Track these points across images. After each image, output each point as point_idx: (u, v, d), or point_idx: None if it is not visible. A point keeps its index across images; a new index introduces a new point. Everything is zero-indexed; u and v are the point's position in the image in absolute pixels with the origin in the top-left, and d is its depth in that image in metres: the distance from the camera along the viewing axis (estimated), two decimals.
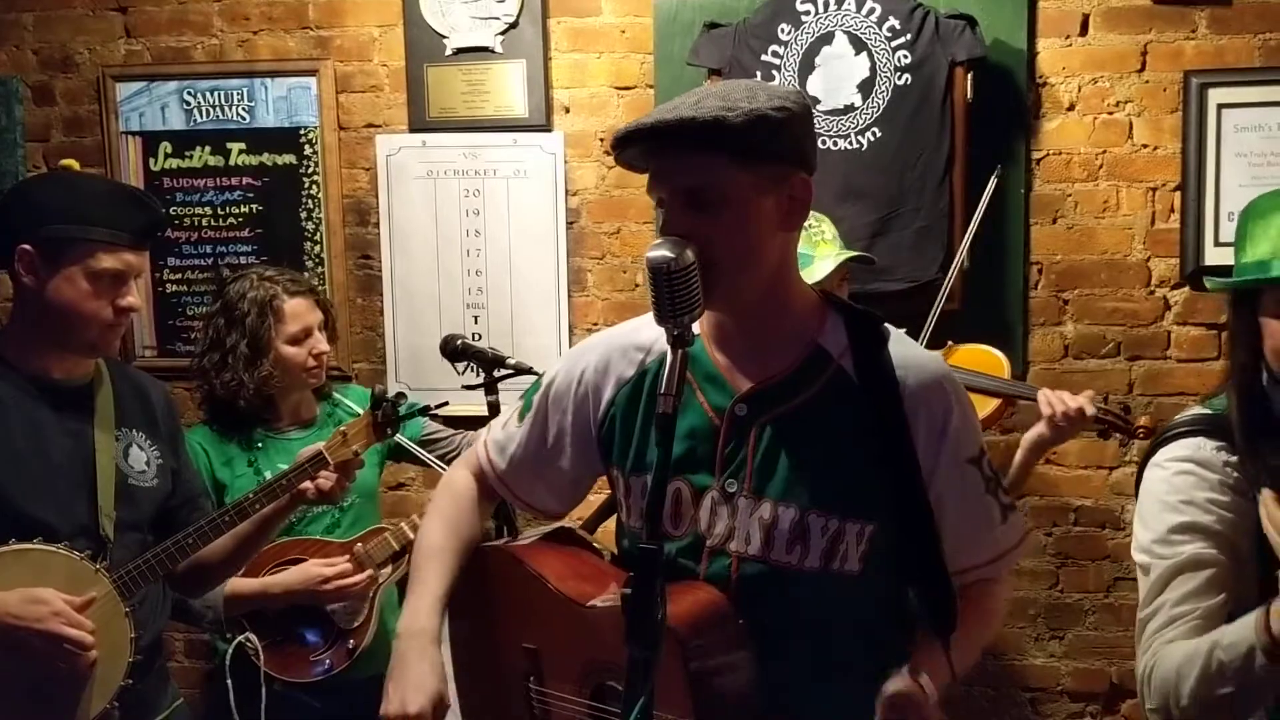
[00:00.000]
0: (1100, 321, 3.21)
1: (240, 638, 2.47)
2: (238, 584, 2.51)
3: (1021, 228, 3.18)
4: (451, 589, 1.71)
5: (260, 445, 2.67)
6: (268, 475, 2.59)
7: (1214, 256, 3.12)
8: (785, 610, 1.57)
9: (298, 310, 2.61)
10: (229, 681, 2.44)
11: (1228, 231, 3.11)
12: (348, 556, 2.60)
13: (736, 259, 1.51)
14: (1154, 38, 3.12)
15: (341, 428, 2.23)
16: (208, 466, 2.60)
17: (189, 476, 2.33)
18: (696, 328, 1.57)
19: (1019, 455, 2.63)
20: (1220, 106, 3.09)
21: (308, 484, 2.19)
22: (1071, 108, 3.16)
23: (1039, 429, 2.56)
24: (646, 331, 1.66)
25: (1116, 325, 3.20)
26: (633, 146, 1.53)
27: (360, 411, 2.69)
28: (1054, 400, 2.54)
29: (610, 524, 1.92)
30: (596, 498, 2.55)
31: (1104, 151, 3.16)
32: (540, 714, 1.73)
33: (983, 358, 2.78)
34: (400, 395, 2.36)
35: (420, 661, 1.61)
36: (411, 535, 2.61)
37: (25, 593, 1.92)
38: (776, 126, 1.46)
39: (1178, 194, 3.14)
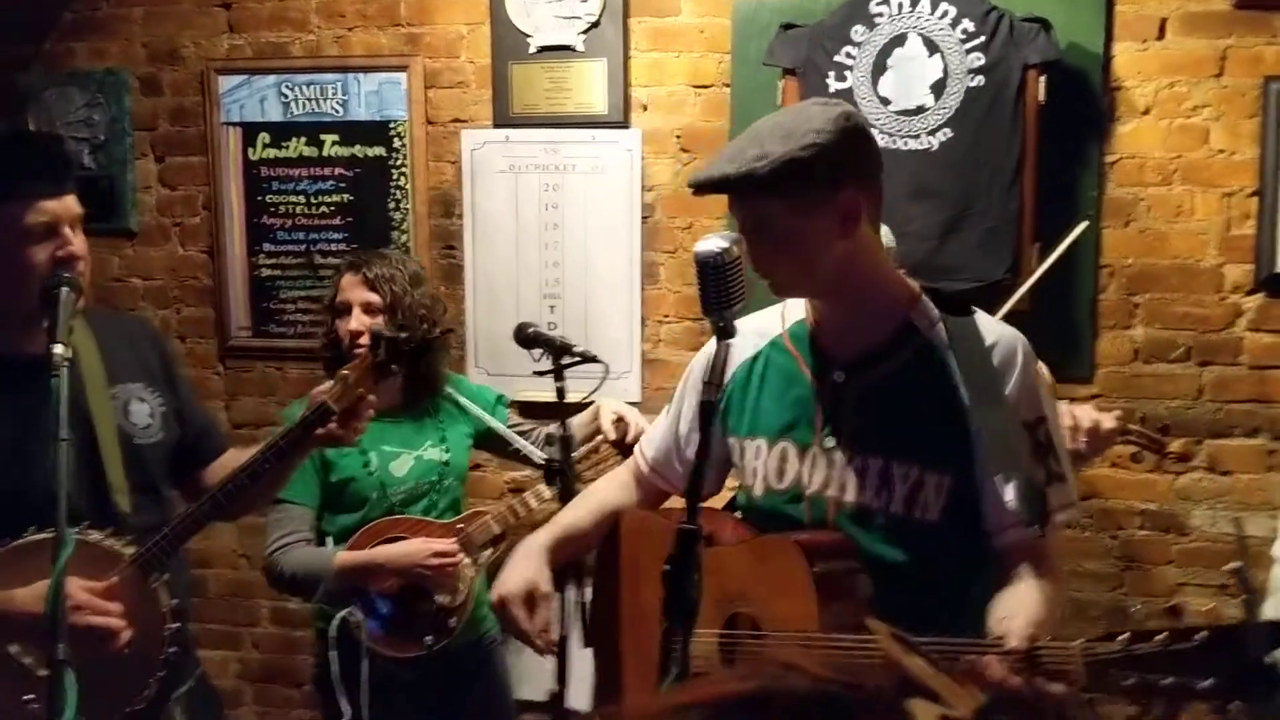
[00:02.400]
0: (1171, 326, 3.21)
1: (344, 612, 2.59)
2: (345, 556, 2.61)
3: (1094, 231, 3.19)
4: (574, 529, 2.03)
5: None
6: (372, 457, 2.72)
7: None
8: (874, 551, 1.76)
9: (344, 284, 2.70)
10: (333, 654, 2.56)
11: None
12: (454, 538, 2.69)
13: (794, 273, 1.77)
14: (1233, 43, 3.10)
15: (343, 371, 2.14)
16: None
17: (193, 411, 2.31)
18: (801, 310, 1.88)
19: None
20: None
21: (320, 431, 2.11)
22: (1147, 111, 3.17)
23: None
24: (766, 320, 1.92)
25: (1187, 330, 3.20)
26: (704, 192, 1.77)
27: (467, 405, 2.83)
28: (1074, 418, 2.52)
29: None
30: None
31: (1179, 156, 3.16)
32: (677, 652, 1.87)
33: None
34: (401, 334, 2.25)
35: (519, 560, 1.95)
36: (512, 519, 2.73)
37: (43, 588, 1.78)
38: (807, 163, 1.65)
39: (1254, 200, 3.13)
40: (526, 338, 2.80)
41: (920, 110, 3.12)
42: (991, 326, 1.79)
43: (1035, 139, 3.09)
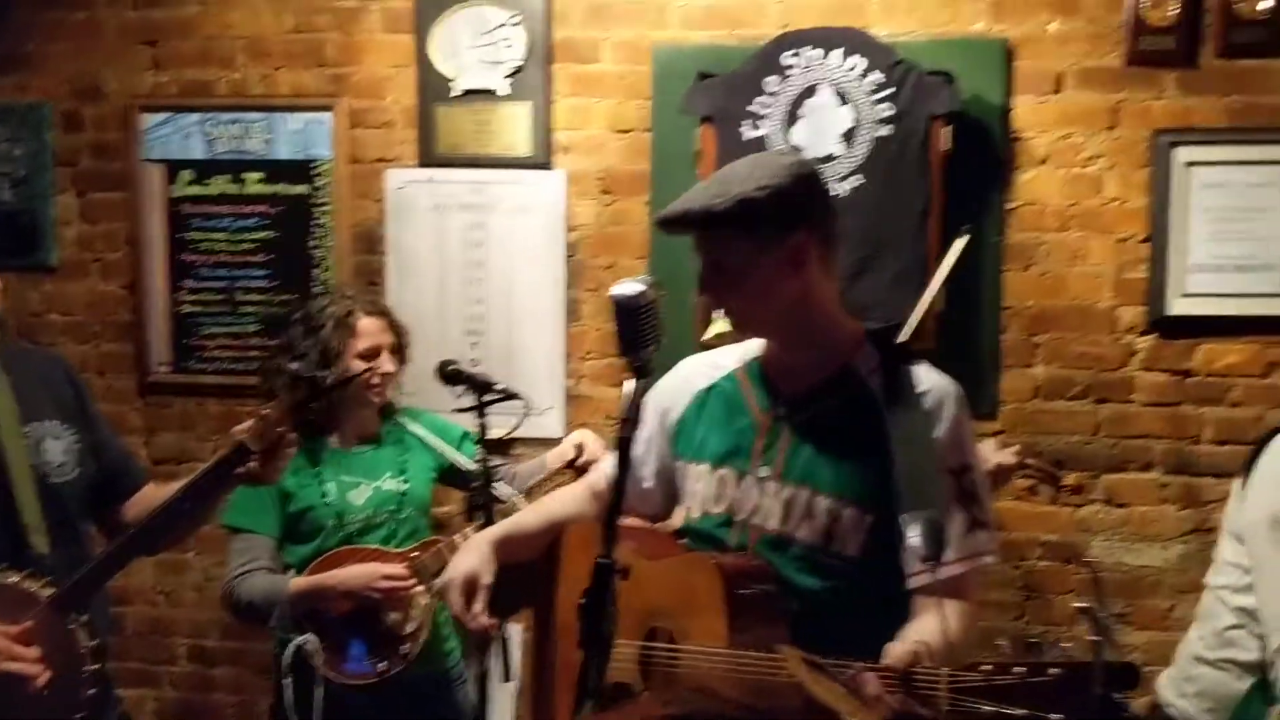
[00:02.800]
0: (1069, 365, 3.36)
1: (299, 639, 2.61)
2: (299, 581, 2.66)
3: (995, 274, 3.34)
4: (522, 530, 2.15)
5: (324, 458, 2.80)
6: (331, 487, 2.76)
7: (1180, 306, 3.28)
8: (789, 578, 1.87)
9: (370, 329, 2.78)
10: (286, 680, 2.58)
11: (1194, 283, 3.27)
12: (405, 564, 2.73)
13: (749, 304, 1.88)
14: (1125, 97, 3.28)
15: (262, 410, 2.18)
16: None
17: (109, 446, 2.33)
18: (759, 348, 2.00)
19: None
20: (1188, 164, 3.25)
21: (240, 470, 2.16)
22: (1045, 161, 3.33)
23: None
24: (726, 355, 2.06)
25: (1084, 369, 3.35)
26: (669, 229, 1.90)
27: (422, 436, 2.89)
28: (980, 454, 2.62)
29: None
30: None
31: (1075, 204, 3.32)
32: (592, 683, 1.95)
33: None
34: (318, 374, 2.33)
35: (464, 552, 2.09)
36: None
37: None
38: (761, 203, 1.79)
39: (1146, 245, 3.30)
40: (449, 375, 2.87)
41: (831, 158, 3.24)
42: (927, 375, 1.90)
43: (941, 185, 3.22)
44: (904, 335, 2.94)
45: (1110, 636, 1.49)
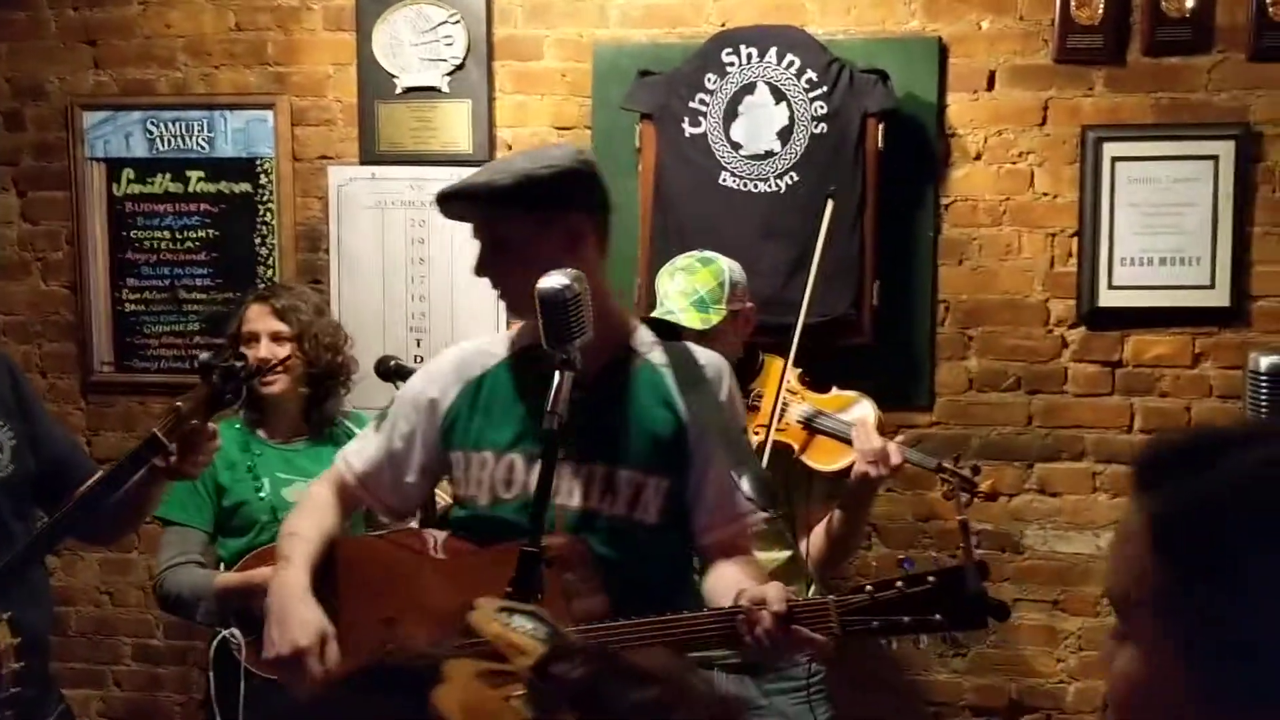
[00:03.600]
0: (1002, 357, 3.43)
1: (225, 632, 2.62)
2: (225, 577, 2.67)
3: (930, 268, 3.40)
4: (314, 562, 2.00)
5: (259, 453, 2.83)
6: (265, 482, 2.77)
7: (1108, 299, 3.35)
8: (597, 552, 1.93)
9: (251, 314, 2.82)
10: (210, 674, 2.60)
11: (1121, 276, 3.35)
12: None
13: (527, 284, 1.84)
14: (1054, 94, 3.35)
15: (176, 402, 2.17)
16: (213, 466, 2.62)
17: (52, 439, 2.33)
18: (529, 335, 2.00)
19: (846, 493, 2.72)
20: (1115, 159, 3.32)
21: (158, 462, 2.16)
22: (978, 157, 3.39)
23: (856, 466, 2.65)
24: (492, 343, 2.11)
25: (1017, 361, 3.42)
26: (448, 205, 1.96)
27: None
28: (864, 437, 2.66)
29: None
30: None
31: (1007, 199, 3.39)
32: None
33: (847, 403, 2.86)
34: (233, 363, 2.27)
35: (299, 605, 1.92)
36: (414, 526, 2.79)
37: None
38: (543, 182, 1.88)
39: (1075, 240, 3.37)
40: (388, 370, 2.90)
41: (769, 155, 3.29)
42: (699, 351, 2.07)
43: (875, 182, 3.28)
44: (803, 316, 2.95)
45: (971, 541, 1.71)
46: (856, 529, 2.81)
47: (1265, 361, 1.76)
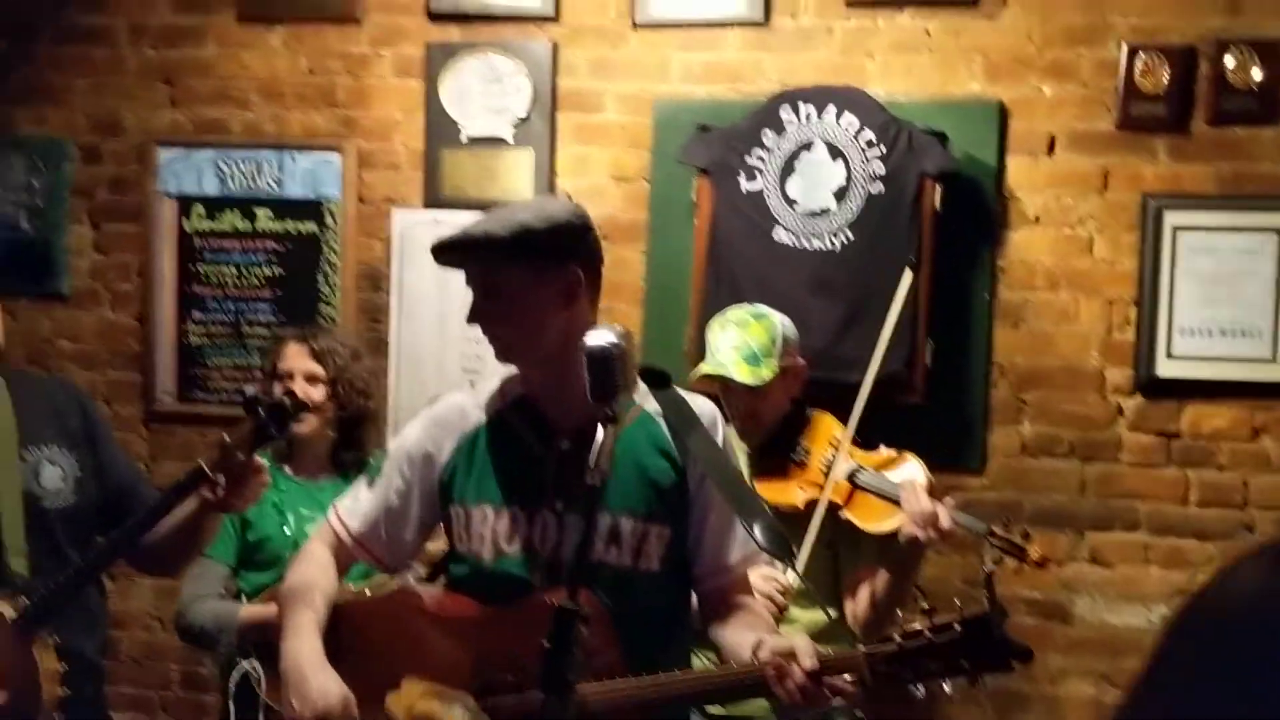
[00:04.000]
0: (1056, 423, 3.39)
1: (245, 664, 2.66)
2: (249, 611, 2.71)
3: (985, 330, 3.39)
4: (323, 627, 1.98)
5: (284, 489, 2.87)
6: (289, 518, 2.82)
7: (1166, 369, 3.31)
8: (602, 604, 1.89)
9: (288, 352, 2.88)
10: (230, 705, 2.63)
11: (1180, 346, 3.31)
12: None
13: (520, 333, 1.94)
14: (1116, 161, 3.34)
15: (223, 435, 2.19)
16: None
17: (118, 471, 2.36)
18: (519, 386, 2.04)
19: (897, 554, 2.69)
20: (1176, 229, 3.30)
21: (206, 494, 2.19)
22: (1037, 221, 3.38)
23: (903, 528, 2.63)
24: (484, 395, 2.08)
25: (1072, 428, 3.38)
26: (444, 255, 1.97)
27: None
28: (913, 499, 2.63)
29: None
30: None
31: (1065, 264, 3.37)
32: None
33: (897, 464, 2.85)
34: (282, 402, 2.28)
35: (317, 673, 1.90)
36: (415, 585, 2.81)
37: None
38: (541, 234, 1.90)
39: (1134, 308, 3.34)
40: None
41: (824, 212, 3.30)
42: (692, 397, 2.04)
43: (931, 243, 3.28)
44: (869, 376, 2.96)
45: (995, 589, 1.74)
46: (903, 592, 2.77)
47: None
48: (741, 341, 2.80)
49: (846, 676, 1.79)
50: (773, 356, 2.80)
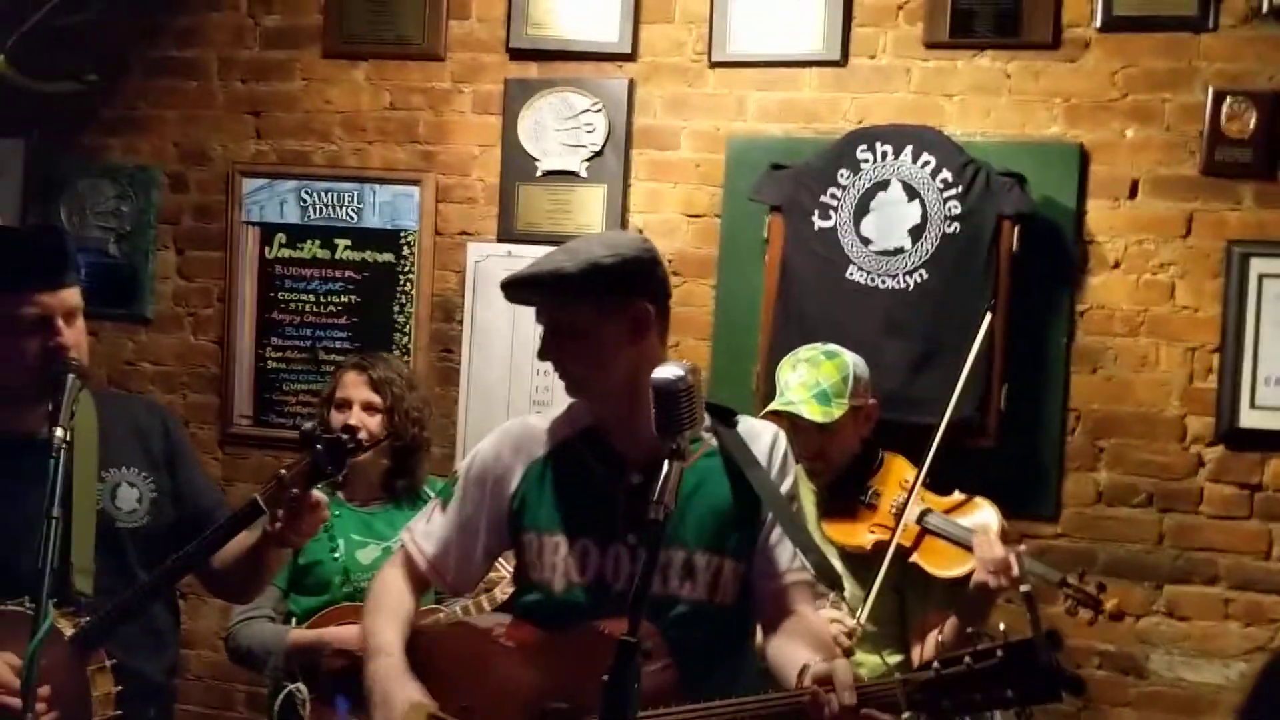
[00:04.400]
0: (1133, 472, 3.31)
1: (291, 687, 2.69)
2: (297, 634, 2.75)
3: (1062, 375, 3.33)
4: (400, 647, 1.99)
5: (336, 514, 2.88)
6: (340, 544, 2.85)
7: (1250, 419, 3.23)
8: (677, 635, 1.89)
9: (347, 381, 2.92)
10: None
11: (1264, 396, 3.22)
12: None
13: (590, 368, 1.95)
14: (1199, 206, 3.27)
15: (280, 470, 2.17)
16: None
17: (197, 494, 2.38)
18: (588, 415, 2.04)
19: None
20: (1262, 276, 3.22)
21: (265, 527, 2.18)
22: (1116, 265, 3.33)
23: (975, 575, 2.60)
24: (554, 424, 2.08)
25: (1150, 477, 3.30)
26: (514, 292, 1.98)
27: None
28: (985, 545, 2.60)
29: None
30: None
31: (1145, 310, 3.31)
32: None
33: (969, 508, 2.83)
34: (343, 434, 2.24)
35: (402, 688, 1.91)
36: (463, 617, 2.82)
37: None
38: (609, 270, 1.89)
39: (1216, 355, 3.26)
40: None
41: (899, 251, 3.28)
42: (757, 425, 2.07)
43: (1008, 285, 3.24)
44: (944, 419, 2.92)
45: (1038, 612, 1.60)
46: (972, 639, 2.71)
47: None
48: (812, 379, 2.79)
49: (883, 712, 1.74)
50: (843, 396, 2.78)
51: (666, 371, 1.79)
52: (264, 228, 3.90)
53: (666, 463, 1.79)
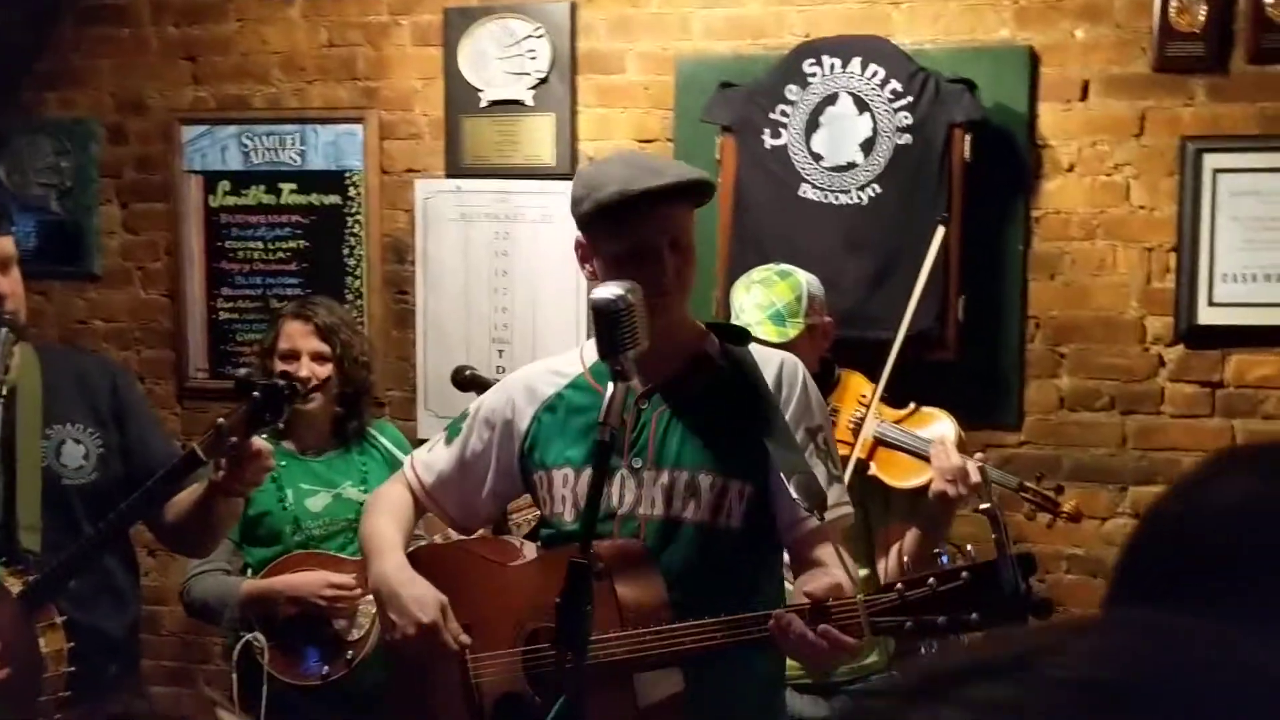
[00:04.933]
0: (1095, 376, 3.31)
1: (249, 636, 2.68)
2: (249, 584, 2.75)
3: (1019, 283, 3.31)
4: (402, 547, 2.01)
5: (283, 464, 2.84)
6: (289, 493, 2.83)
7: (1208, 316, 3.22)
8: (682, 557, 1.90)
9: (292, 331, 2.84)
10: (234, 675, 2.65)
11: (1222, 292, 3.21)
12: (355, 574, 2.79)
13: (688, 282, 1.95)
14: (1152, 104, 3.23)
15: (218, 420, 2.15)
16: None
17: (148, 449, 2.34)
18: (594, 350, 1.95)
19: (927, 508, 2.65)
20: (1216, 171, 3.19)
21: (211, 477, 2.16)
22: (1071, 169, 3.29)
23: (934, 485, 2.59)
24: (564, 362, 2.08)
25: (1110, 380, 3.30)
26: (637, 204, 1.84)
27: (392, 449, 2.94)
28: (942, 455, 2.59)
29: None
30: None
31: (1102, 212, 3.28)
32: (477, 680, 1.97)
33: (933, 423, 2.80)
34: (279, 381, 2.24)
35: (408, 586, 1.92)
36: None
37: None
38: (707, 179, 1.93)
39: (1173, 255, 3.24)
40: (464, 380, 2.93)
41: (851, 166, 3.23)
42: (770, 353, 2.05)
43: (961, 195, 3.20)
44: (900, 333, 2.89)
45: (1007, 532, 1.57)
46: (933, 550, 2.72)
47: None
48: (766, 300, 2.76)
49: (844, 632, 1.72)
50: (798, 315, 2.75)
51: (605, 291, 1.75)
52: (207, 176, 3.81)
53: (610, 384, 1.77)
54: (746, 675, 1.96)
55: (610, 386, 1.76)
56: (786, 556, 2.06)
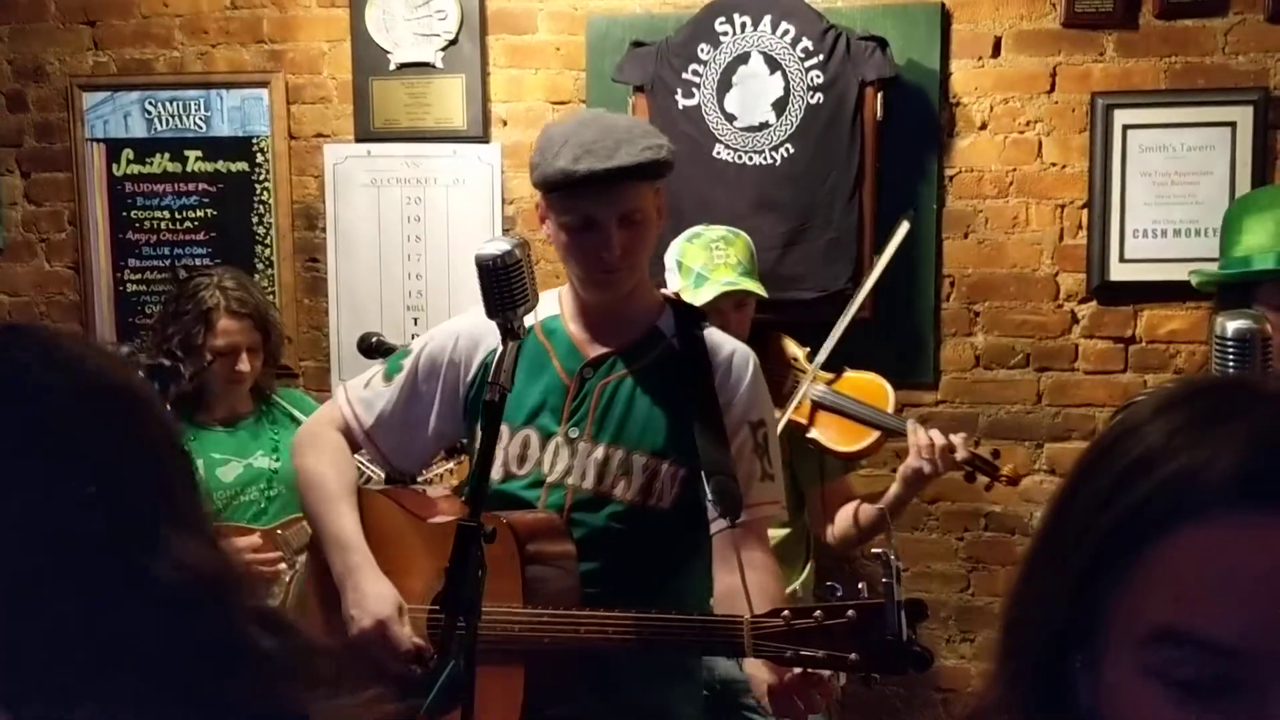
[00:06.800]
0: (1010, 333, 3.32)
1: None
2: None
3: (933, 242, 3.30)
4: (357, 519, 1.96)
5: (193, 436, 2.82)
6: (199, 463, 2.76)
7: (1120, 272, 3.23)
8: (604, 528, 1.88)
9: (229, 329, 2.78)
10: None
11: (1133, 248, 3.23)
12: (267, 540, 2.75)
13: (641, 259, 1.91)
14: (1063, 60, 3.23)
15: None
16: None
17: None
18: (555, 306, 1.96)
19: (893, 487, 2.68)
20: (1126, 127, 3.20)
21: None
22: (983, 126, 3.28)
23: (910, 462, 2.61)
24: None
25: (1025, 337, 3.31)
26: (581, 187, 1.80)
27: (295, 414, 2.89)
28: (923, 435, 2.61)
29: None
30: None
31: (1014, 169, 3.28)
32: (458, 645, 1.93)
33: (869, 387, 2.85)
34: (164, 360, 2.25)
35: (375, 582, 1.87)
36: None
37: None
38: (670, 158, 1.87)
39: (1085, 211, 3.25)
40: (370, 347, 2.89)
41: (764, 126, 3.20)
42: (722, 340, 1.99)
43: (874, 153, 3.18)
44: (847, 317, 2.90)
45: (899, 576, 1.52)
46: (890, 521, 2.73)
47: (1232, 327, 1.64)
48: (734, 258, 2.75)
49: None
50: (755, 273, 2.77)
51: (491, 247, 1.71)
52: (110, 144, 3.70)
53: (500, 343, 1.73)
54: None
55: (500, 346, 1.73)
56: None
